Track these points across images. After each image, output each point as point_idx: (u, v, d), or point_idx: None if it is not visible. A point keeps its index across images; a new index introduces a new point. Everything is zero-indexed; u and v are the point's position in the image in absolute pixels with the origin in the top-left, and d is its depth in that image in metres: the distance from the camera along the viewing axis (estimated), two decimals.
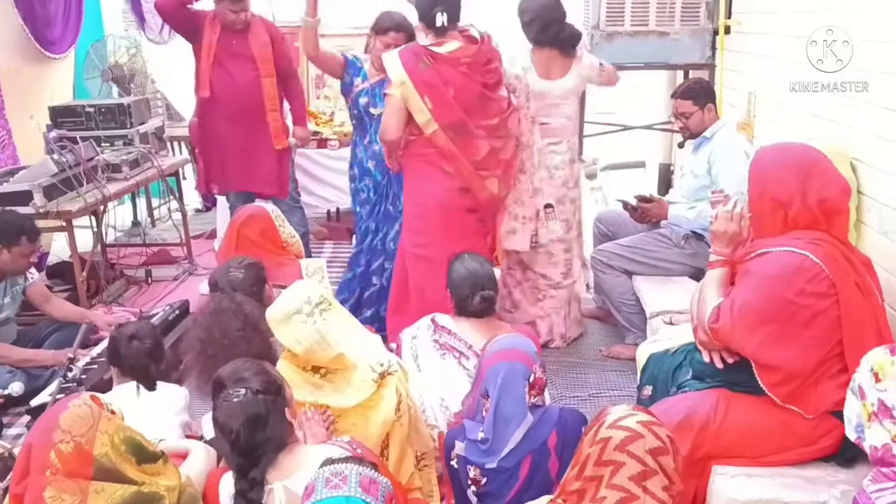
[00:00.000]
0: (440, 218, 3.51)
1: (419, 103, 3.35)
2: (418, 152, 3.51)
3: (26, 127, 5.31)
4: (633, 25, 4.55)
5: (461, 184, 3.50)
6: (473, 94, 3.43)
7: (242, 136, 4.65)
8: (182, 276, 5.34)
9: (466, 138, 3.43)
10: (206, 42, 4.54)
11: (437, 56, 3.40)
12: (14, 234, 3.56)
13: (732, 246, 2.43)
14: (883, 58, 2.65)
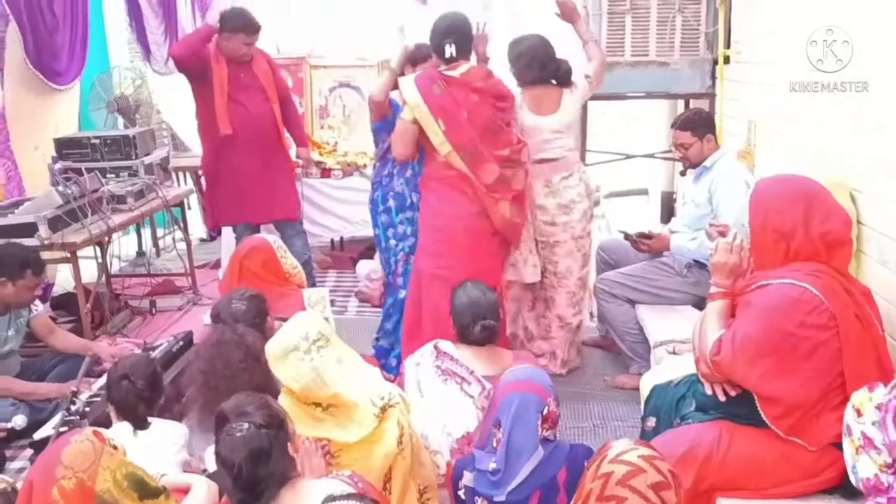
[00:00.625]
0: (463, 239, 3.57)
1: (433, 125, 3.47)
2: (438, 175, 3.60)
3: (32, 158, 5.34)
4: (633, 56, 4.61)
5: (480, 207, 3.57)
6: (485, 119, 3.53)
7: (263, 165, 4.77)
8: (186, 306, 5.35)
9: (478, 161, 3.51)
10: (216, 79, 4.62)
11: (450, 80, 3.53)
12: (19, 267, 3.57)
13: (733, 278, 2.44)
14: (882, 86, 2.67)
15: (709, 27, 4.47)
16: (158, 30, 6.65)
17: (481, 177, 3.52)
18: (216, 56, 4.64)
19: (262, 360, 2.61)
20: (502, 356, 2.99)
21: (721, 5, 4.30)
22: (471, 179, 3.52)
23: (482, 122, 3.53)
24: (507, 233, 3.70)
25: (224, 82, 4.64)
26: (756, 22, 3.96)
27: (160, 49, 6.68)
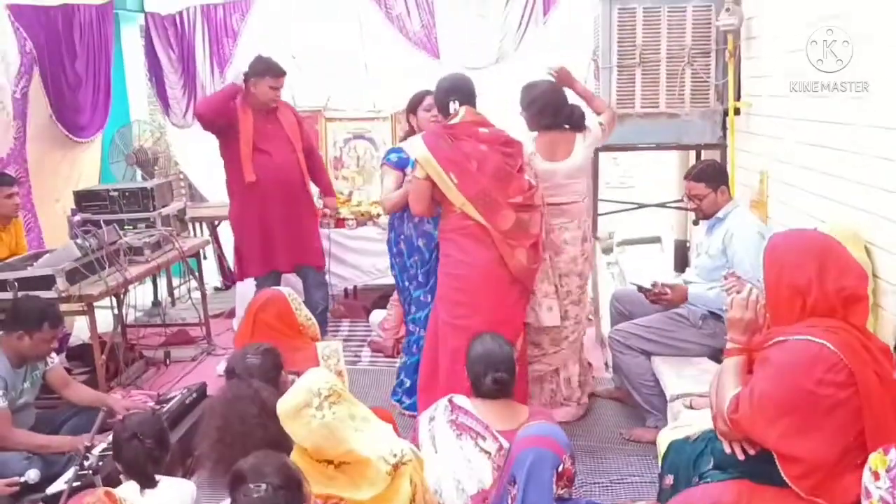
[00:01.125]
0: (484, 288, 3.59)
1: (445, 179, 3.54)
2: (455, 226, 3.63)
3: (52, 210, 5.43)
4: (643, 107, 4.63)
5: (497, 255, 3.58)
6: (494, 167, 3.58)
7: (287, 213, 4.85)
8: (200, 356, 5.38)
9: (494, 209, 3.55)
10: (242, 129, 4.72)
11: (455, 132, 3.63)
12: (37, 320, 3.59)
13: (749, 333, 2.42)
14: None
15: (718, 79, 4.49)
16: (177, 85, 6.80)
17: (498, 224, 3.54)
18: (243, 107, 4.76)
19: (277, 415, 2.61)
20: (518, 411, 2.96)
21: (730, 59, 4.33)
22: (488, 229, 3.55)
23: (492, 171, 3.58)
24: (525, 279, 3.70)
25: (250, 132, 4.74)
26: (765, 76, 3.99)
27: (179, 103, 6.82)
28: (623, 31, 4.58)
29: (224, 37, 6.68)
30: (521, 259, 3.60)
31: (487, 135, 3.64)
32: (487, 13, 6.17)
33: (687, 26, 4.52)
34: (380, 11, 6.38)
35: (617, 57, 4.61)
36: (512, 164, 3.65)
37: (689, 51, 4.52)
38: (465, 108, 3.70)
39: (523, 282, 3.69)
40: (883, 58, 2.75)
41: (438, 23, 6.29)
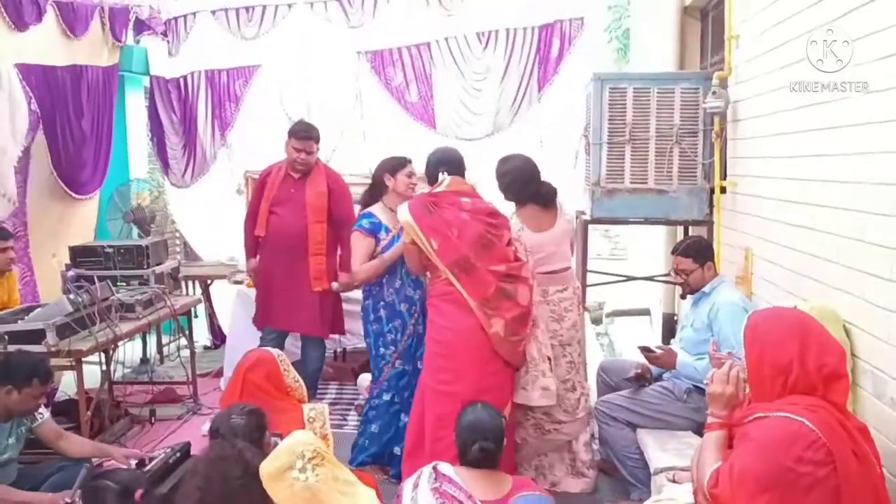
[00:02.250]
0: (466, 354, 3.64)
1: (426, 245, 3.68)
2: (441, 291, 3.73)
3: (48, 264, 5.48)
4: (632, 183, 4.74)
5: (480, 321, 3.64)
6: (476, 235, 3.70)
7: (286, 275, 4.89)
8: (186, 415, 5.35)
9: (474, 276, 3.64)
10: (267, 186, 4.89)
11: (438, 200, 3.78)
12: (26, 375, 3.59)
13: (730, 408, 2.45)
14: (875, 227, 2.76)
15: (705, 158, 4.62)
16: (178, 146, 6.94)
17: (473, 292, 3.63)
18: (280, 165, 4.92)
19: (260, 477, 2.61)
20: (502, 481, 2.96)
21: (716, 139, 4.47)
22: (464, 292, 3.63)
23: (473, 238, 3.69)
24: (504, 352, 3.70)
25: (272, 191, 4.88)
26: (750, 157, 4.11)
27: (178, 163, 6.95)
28: (613, 110, 4.72)
29: (227, 101, 6.85)
30: (497, 329, 3.64)
31: (470, 205, 3.78)
32: (484, 88, 6.35)
33: (675, 107, 4.67)
34: (379, 82, 6.55)
35: (607, 134, 4.74)
36: (495, 233, 3.76)
37: (677, 130, 4.65)
38: (450, 178, 3.87)
39: (501, 353, 3.70)
40: (859, 144, 2.86)
41: (436, 95, 6.46)
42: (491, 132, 6.37)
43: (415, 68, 6.51)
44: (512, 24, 6.24)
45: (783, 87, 3.51)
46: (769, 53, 3.74)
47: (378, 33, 6.48)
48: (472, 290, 3.64)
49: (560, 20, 6.14)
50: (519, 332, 3.74)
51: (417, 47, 6.47)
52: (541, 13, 6.16)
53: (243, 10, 6.56)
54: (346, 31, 6.48)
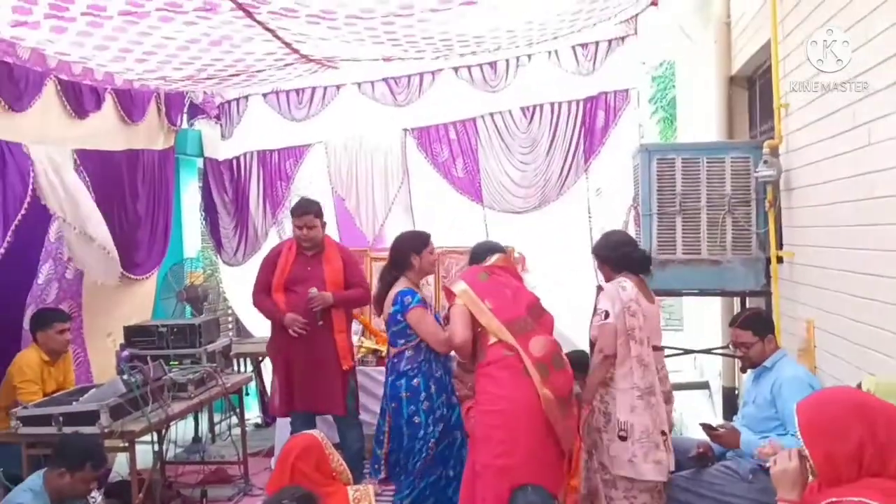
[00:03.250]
0: (523, 421, 3.56)
1: (480, 305, 3.72)
2: (493, 358, 3.69)
3: (102, 344, 5.56)
4: (685, 254, 4.66)
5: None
6: (530, 301, 3.83)
7: (307, 354, 4.83)
8: (237, 496, 5.31)
9: (528, 334, 3.66)
10: (279, 266, 4.87)
11: (491, 269, 3.95)
12: (80, 459, 3.61)
13: (798, 488, 2.34)
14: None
15: (759, 228, 4.53)
16: (230, 225, 7.09)
17: (530, 348, 3.61)
18: (289, 245, 4.94)
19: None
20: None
21: (770, 209, 4.39)
22: (524, 359, 3.59)
23: (527, 302, 3.79)
24: (554, 419, 3.57)
25: (286, 271, 4.88)
26: (807, 226, 4.02)
27: (230, 242, 7.09)
28: (662, 180, 4.69)
29: (278, 180, 7.00)
30: (548, 392, 3.58)
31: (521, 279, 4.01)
32: (529, 161, 6.38)
33: (726, 176, 4.61)
34: (426, 158, 6.64)
35: (657, 204, 4.69)
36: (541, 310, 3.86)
37: (729, 199, 4.59)
38: (496, 255, 4.03)
39: (552, 422, 3.58)
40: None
41: (482, 169, 6.52)
42: (538, 205, 6.37)
43: (461, 143, 6.60)
44: (556, 97, 6.30)
45: (837, 154, 3.45)
46: (820, 121, 3.69)
47: (424, 111, 6.60)
48: (527, 347, 3.62)
49: (605, 92, 6.18)
50: (569, 402, 3.68)
51: (463, 123, 6.57)
52: (585, 86, 6.20)
53: (294, 93, 6.76)
54: (393, 109, 6.62)
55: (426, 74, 6.46)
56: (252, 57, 5.14)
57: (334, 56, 5.44)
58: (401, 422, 4.18)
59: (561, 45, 6.09)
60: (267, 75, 5.85)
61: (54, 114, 4.86)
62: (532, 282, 6.25)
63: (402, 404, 4.18)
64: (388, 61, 5.81)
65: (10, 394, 4.53)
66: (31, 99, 4.53)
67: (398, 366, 4.22)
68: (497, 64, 6.30)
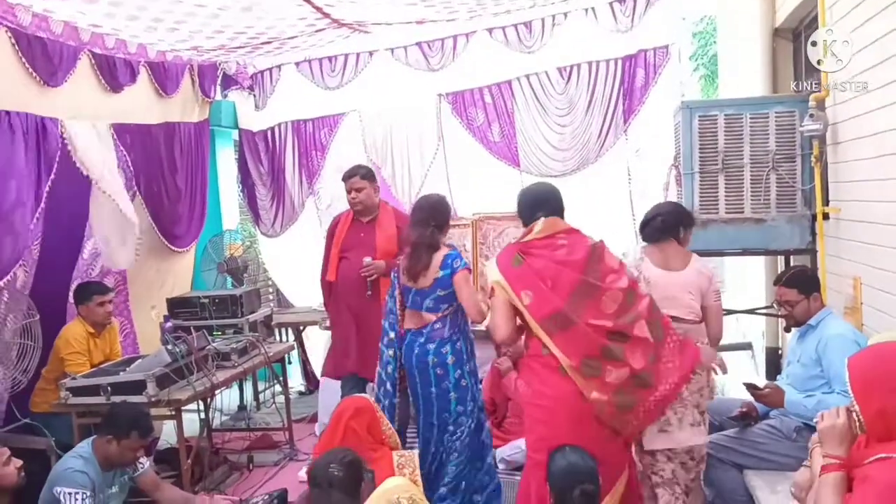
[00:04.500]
0: (569, 422, 3.22)
1: (516, 301, 3.31)
2: (535, 352, 3.35)
3: (147, 316, 5.65)
4: (727, 213, 4.57)
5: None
6: (573, 283, 3.27)
7: (355, 319, 4.89)
8: (283, 461, 5.39)
9: (572, 332, 3.22)
10: (337, 235, 4.94)
11: (528, 248, 3.39)
12: (127, 427, 3.69)
13: (846, 445, 2.28)
14: None
15: (805, 184, 4.42)
16: (267, 196, 7.12)
17: (570, 351, 3.21)
18: (347, 213, 5.00)
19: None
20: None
21: (816, 164, 4.26)
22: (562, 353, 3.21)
23: (569, 287, 3.26)
24: (610, 421, 3.25)
25: (341, 237, 4.94)
26: (854, 181, 3.91)
27: (268, 213, 7.13)
28: (704, 138, 4.58)
29: (313, 150, 6.99)
30: (598, 395, 3.21)
31: (566, 249, 3.35)
32: (567, 123, 6.27)
33: (770, 132, 4.49)
34: (461, 123, 6.57)
35: (699, 163, 4.60)
36: (597, 280, 3.28)
37: (773, 156, 4.47)
38: (543, 221, 3.42)
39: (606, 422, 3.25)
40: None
41: (519, 133, 6.43)
42: (577, 167, 6.27)
43: (496, 107, 6.50)
44: (594, 56, 6.16)
45: (886, 105, 3.32)
46: (869, 72, 3.56)
47: (458, 75, 6.51)
48: (569, 348, 3.22)
49: (644, 50, 6.03)
50: (637, 398, 3.26)
51: (498, 86, 6.47)
52: (624, 45, 6.05)
53: (326, 61, 6.71)
54: (427, 74, 6.54)
55: (460, 37, 6.37)
56: (284, 23, 5.11)
57: (365, 20, 5.38)
58: (447, 387, 4.16)
59: (598, 2, 5.95)
60: (299, 41, 5.82)
61: (89, 88, 4.88)
62: None
63: (449, 369, 4.15)
64: (420, 24, 5.73)
65: (59, 366, 4.64)
66: (65, 74, 4.55)
67: (441, 332, 4.16)
68: (532, 23, 6.17)
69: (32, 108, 4.34)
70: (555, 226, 3.43)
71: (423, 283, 4.13)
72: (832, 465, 2.28)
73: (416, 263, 4.10)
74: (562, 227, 3.45)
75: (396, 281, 4.29)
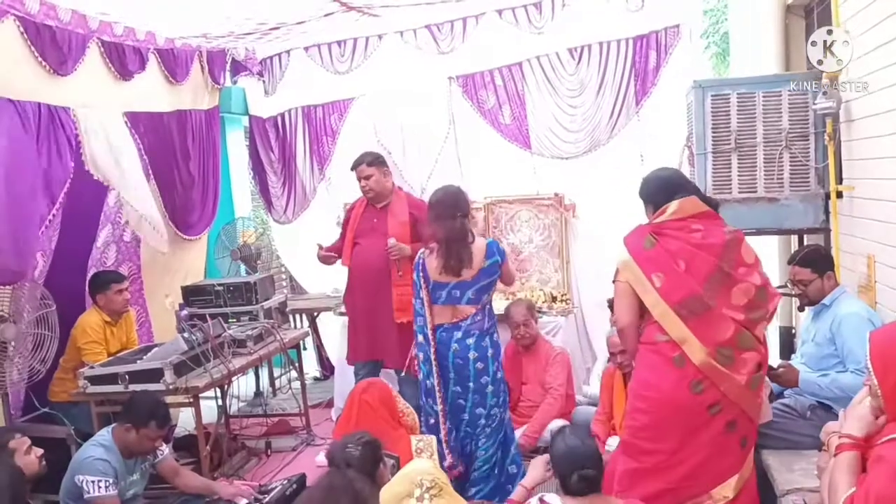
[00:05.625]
0: (671, 417, 3.13)
1: (646, 283, 3.17)
2: (649, 339, 3.23)
3: (161, 304, 5.68)
4: (741, 192, 4.54)
5: (694, 377, 3.10)
6: (709, 268, 3.16)
7: (370, 304, 4.93)
8: (300, 446, 5.44)
9: (707, 317, 3.11)
10: (352, 221, 5.01)
11: (662, 230, 3.26)
12: (145, 416, 3.74)
13: (864, 426, 2.29)
14: None
15: (818, 163, 4.38)
16: (278, 183, 7.13)
17: (705, 337, 3.08)
18: (361, 199, 5.04)
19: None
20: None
21: (830, 142, 4.23)
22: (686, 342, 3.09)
23: (706, 272, 3.14)
24: (745, 406, 3.15)
25: (354, 223, 5.00)
26: (868, 158, 3.88)
27: (279, 200, 7.14)
28: (717, 118, 4.55)
29: (324, 135, 6.98)
30: (738, 381, 3.10)
31: (701, 233, 3.21)
32: (578, 105, 6.23)
33: (783, 110, 4.45)
34: (472, 106, 6.55)
35: (712, 143, 4.56)
36: (734, 264, 3.17)
37: (786, 134, 4.44)
38: (677, 203, 3.27)
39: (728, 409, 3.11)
40: None
41: (530, 115, 6.39)
42: (588, 149, 6.23)
43: (507, 90, 6.46)
44: (605, 37, 6.10)
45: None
46: (883, 47, 3.52)
47: (468, 57, 6.46)
48: (705, 334, 3.08)
49: (654, 30, 5.98)
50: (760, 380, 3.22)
51: (509, 68, 6.42)
52: (634, 24, 5.99)
53: (335, 45, 6.68)
54: (437, 57, 6.49)
55: (469, 19, 6.31)
56: (293, 8, 5.09)
57: (374, 3, 5.35)
58: (486, 381, 4.20)
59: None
60: (308, 27, 5.80)
61: (99, 76, 4.87)
62: (584, 229, 6.20)
63: (489, 363, 4.21)
64: (430, 4, 5.70)
65: (76, 355, 4.69)
66: (75, 62, 4.55)
67: (482, 323, 4.20)
68: (542, 3, 6.11)
69: (43, 97, 4.34)
70: (691, 207, 3.28)
71: (466, 275, 4.14)
72: (846, 444, 2.28)
73: (454, 257, 4.10)
74: (698, 210, 3.30)
75: (422, 281, 4.24)
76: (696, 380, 3.09)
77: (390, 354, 4.94)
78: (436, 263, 4.16)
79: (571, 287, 6.21)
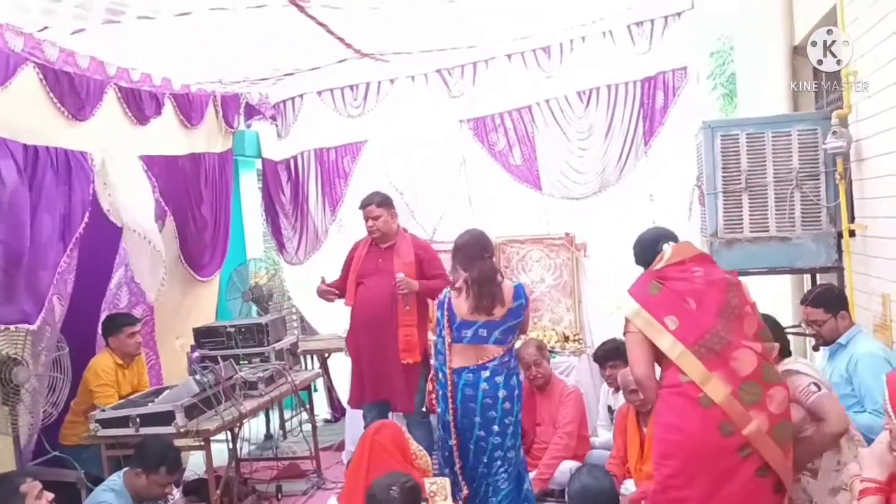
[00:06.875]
0: (700, 461, 2.94)
1: (659, 328, 3.05)
2: (670, 383, 3.07)
3: (171, 347, 5.69)
4: (752, 232, 4.54)
5: (723, 418, 2.91)
6: (719, 304, 3.07)
7: (375, 346, 4.88)
8: (311, 490, 5.40)
9: (725, 354, 2.97)
10: (355, 261, 4.99)
11: (665, 275, 3.20)
12: (156, 462, 3.72)
13: (884, 468, 2.26)
14: None
15: (830, 201, 4.38)
16: (290, 225, 7.18)
17: (737, 369, 2.94)
18: (366, 239, 5.04)
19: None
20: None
21: (841, 181, 4.23)
22: (707, 382, 2.93)
23: (717, 307, 3.06)
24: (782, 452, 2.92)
25: (358, 263, 4.98)
26: (880, 197, 3.87)
27: (291, 241, 7.18)
28: (727, 158, 4.56)
29: (336, 177, 7.04)
30: (760, 426, 2.88)
31: (703, 273, 3.16)
32: (588, 146, 6.28)
33: (793, 149, 4.46)
34: (482, 148, 6.61)
35: (722, 182, 4.58)
36: (740, 304, 3.10)
37: (796, 174, 4.44)
38: (669, 247, 3.26)
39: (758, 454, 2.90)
40: None
41: (540, 157, 6.45)
42: (598, 189, 6.27)
43: (517, 132, 6.53)
44: (613, 80, 6.18)
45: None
46: (892, 87, 3.54)
47: (479, 100, 6.55)
48: (726, 372, 2.94)
49: (662, 72, 6.04)
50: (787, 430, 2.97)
51: (519, 111, 6.50)
52: (642, 67, 6.07)
53: (348, 89, 6.78)
54: (448, 100, 6.59)
55: (479, 63, 6.41)
56: (307, 54, 5.17)
57: (386, 50, 5.43)
58: (510, 421, 4.23)
59: (615, 25, 5.97)
60: (321, 72, 5.89)
61: (116, 121, 4.94)
62: (595, 268, 6.20)
63: (515, 402, 4.25)
64: (441, 51, 5.78)
65: (88, 398, 4.68)
66: (93, 107, 4.62)
67: (508, 363, 4.27)
68: (550, 48, 6.21)
69: (62, 142, 4.40)
70: (686, 251, 3.28)
71: (497, 314, 4.21)
72: (871, 490, 2.26)
73: (486, 297, 4.19)
74: (694, 253, 3.28)
75: (445, 320, 4.27)
76: (725, 420, 2.90)
77: (398, 396, 4.89)
78: (465, 302, 4.23)
79: (584, 326, 6.20)
